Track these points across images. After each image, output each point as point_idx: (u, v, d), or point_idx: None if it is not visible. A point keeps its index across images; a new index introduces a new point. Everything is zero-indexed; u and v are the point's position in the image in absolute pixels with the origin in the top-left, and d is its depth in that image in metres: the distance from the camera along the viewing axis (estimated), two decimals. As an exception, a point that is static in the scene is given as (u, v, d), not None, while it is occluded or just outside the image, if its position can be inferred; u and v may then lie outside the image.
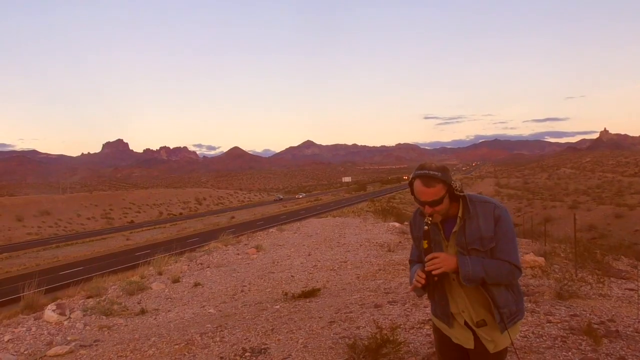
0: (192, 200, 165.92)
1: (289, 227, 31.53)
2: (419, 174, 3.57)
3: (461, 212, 3.59)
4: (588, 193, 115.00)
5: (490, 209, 3.56)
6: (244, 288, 14.04)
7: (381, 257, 17.19)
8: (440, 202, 3.53)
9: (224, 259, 19.81)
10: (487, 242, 3.50)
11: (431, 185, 3.51)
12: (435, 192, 3.51)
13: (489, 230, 3.50)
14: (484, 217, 3.53)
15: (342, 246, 20.82)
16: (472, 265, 3.46)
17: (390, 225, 28.47)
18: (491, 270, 3.45)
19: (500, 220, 3.52)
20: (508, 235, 3.52)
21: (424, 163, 3.66)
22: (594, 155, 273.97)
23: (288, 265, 17.18)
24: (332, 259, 17.56)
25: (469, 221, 3.55)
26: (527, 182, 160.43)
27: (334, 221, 34.38)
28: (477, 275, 3.44)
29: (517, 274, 3.53)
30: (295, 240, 23.93)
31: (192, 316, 11.07)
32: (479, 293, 3.57)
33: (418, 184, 3.57)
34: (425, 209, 3.57)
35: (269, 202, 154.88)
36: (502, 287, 3.55)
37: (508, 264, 3.47)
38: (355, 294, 10.91)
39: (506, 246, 3.50)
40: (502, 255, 3.49)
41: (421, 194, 3.56)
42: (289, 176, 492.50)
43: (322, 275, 14.67)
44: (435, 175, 3.51)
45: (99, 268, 37.35)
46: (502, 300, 3.53)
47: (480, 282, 3.47)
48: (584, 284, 10.38)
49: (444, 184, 3.52)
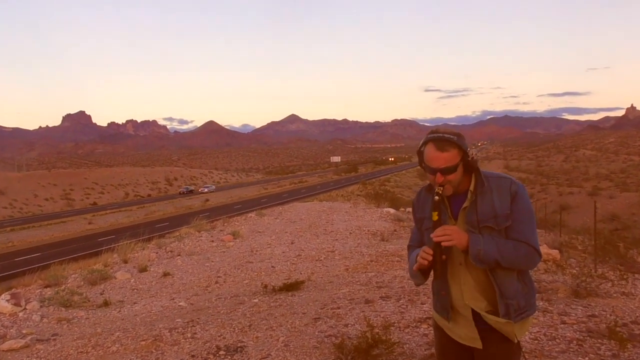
0: (162, 180, 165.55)
1: (270, 212, 31.52)
2: (431, 137, 3.53)
3: (473, 186, 3.54)
4: (611, 178, 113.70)
5: (506, 184, 3.51)
6: (218, 279, 14.02)
7: (373, 246, 17.21)
8: (454, 170, 3.47)
9: (196, 247, 19.78)
10: (502, 220, 3.44)
11: (445, 150, 3.47)
12: (449, 158, 3.46)
13: (505, 207, 3.45)
14: (499, 192, 3.49)
15: (330, 234, 20.84)
16: (485, 244, 3.39)
17: (384, 211, 28.52)
18: (506, 252, 3.38)
19: (517, 197, 3.47)
20: (526, 215, 3.47)
21: (437, 128, 3.61)
22: (618, 135, 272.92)
23: (268, 254, 17.18)
24: (317, 248, 17.57)
25: (481, 196, 3.51)
26: (540, 165, 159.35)
27: (320, 206, 34.40)
28: (490, 255, 3.38)
29: (536, 259, 3.44)
30: (276, 227, 23.93)
31: (161, 309, 11.04)
32: (490, 284, 3.50)
33: (430, 149, 3.52)
34: (437, 177, 3.49)
35: (248, 184, 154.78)
36: (513, 275, 3.48)
37: (526, 245, 3.40)
38: (344, 287, 10.90)
39: (524, 226, 3.44)
40: (519, 236, 3.42)
41: (433, 159, 3.50)
42: (270, 155, 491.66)
43: (306, 266, 14.68)
44: (451, 139, 3.47)
45: (57, 254, 37.17)
46: (510, 290, 3.47)
47: (493, 264, 3.40)
48: (604, 280, 10.37)
49: (460, 150, 3.48)
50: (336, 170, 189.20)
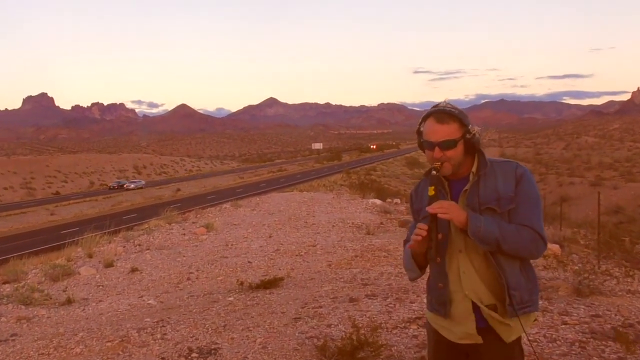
0: (130, 168, 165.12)
1: (246, 203, 31.50)
2: (432, 111, 3.57)
3: (476, 167, 3.56)
4: (615, 167, 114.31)
5: (511, 167, 3.54)
6: (190, 275, 14.01)
7: (358, 240, 17.24)
8: (453, 145, 3.49)
9: (167, 240, 19.73)
10: (505, 203, 3.47)
11: (445, 122, 3.50)
12: (449, 131, 3.49)
13: (509, 189, 3.48)
14: (503, 175, 3.53)
15: (311, 227, 20.85)
16: (485, 222, 3.39)
17: (370, 202, 28.58)
18: (508, 233, 3.38)
19: (523, 180, 3.50)
20: (531, 199, 3.48)
21: (439, 102, 3.63)
22: (623, 121, 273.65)
23: (244, 248, 17.17)
24: (298, 242, 17.58)
25: (484, 179, 3.53)
26: (539, 153, 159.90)
27: (301, 196, 34.40)
28: (490, 233, 3.37)
29: (540, 245, 3.44)
30: (253, 219, 23.91)
31: (128, 308, 11.01)
32: (492, 272, 3.48)
33: (430, 122, 3.56)
34: (435, 151, 3.51)
35: (223, 172, 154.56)
36: (516, 265, 3.48)
37: (530, 230, 3.40)
38: (326, 285, 10.91)
39: (528, 210, 3.46)
40: (522, 220, 3.43)
41: (431, 132, 3.53)
42: (247, 141, 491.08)
43: (285, 262, 14.68)
44: (452, 112, 3.50)
45: (17, 248, 36.88)
46: (514, 280, 3.47)
47: (494, 244, 3.38)
48: (608, 277, 10.40)
49: (461, 125, 3.51)
50: (318, 158, 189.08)
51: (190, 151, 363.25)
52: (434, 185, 3.51)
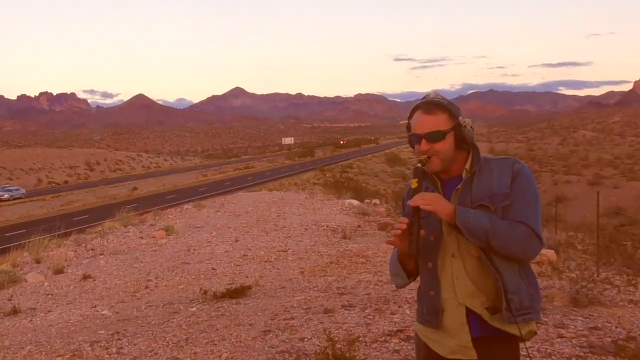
0: (82, 164, 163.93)
1: (210, 204, 31.44)
2: (419, 103, 3.60)
3: (469, 164, 3.58)
4: (615, 165, 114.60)
5: (508, 163, 3.56)
6: (149, 283, 13.98)
7: (333, 245, 17.28)
8: (442, 138, 3.50)
9: (122, 244, 19.68)
10: (500, 199, 3.47)
11: (433, 113, 3.53)
12: (437, 122, 3.52)
13: (504, 185, 3.49)
14: (499, 171, 3.54)
15: (281, 230, 20.87)
16: (475, 214, 3.40)
17: (346, 203, 28.63)
18: (499, 228, 3.37)
19: (519, 176, 3.50)
20: (528, 194, 3.49)
21: (428, 94, 3.67)
22: (624, 113, 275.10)
23: (208, 253, 17.16)
24: (267, 247, 17.59)
25: (478, 176, 3.54)
26: (532, 149, 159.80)
27: (270, 196, 34.40)
28: (480, 225, 3.37)
29: (535, 243, 3.41)
30: (218, 221, 23.88)
31: (80, 319, 10.97)
32: (487, 276, 3.46)
33: (417, 114, 3.59)
34: (421, 144, 3.53)
35: (184, 170, 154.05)
36: (514, 268, 3.46)
37: (524, 226, 3.39)
38: (299, 294, 10.92)
39: (523, 206, 3.45)
40: (516, 216, 3.43)
41: (419, 125, 3.57)
42: (211, 135, 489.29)
43: (253, 269, 14.69)
44: (441, 102, 3.54)
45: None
46: (512, 283, 3.44)
47: (483, 238, 3.38)
48: (608, 286, 10.44)
49: (451, 117, 3.54)
50: (289, 154, 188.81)
51: (148, 146, 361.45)
52: (417, 177, 3.53)
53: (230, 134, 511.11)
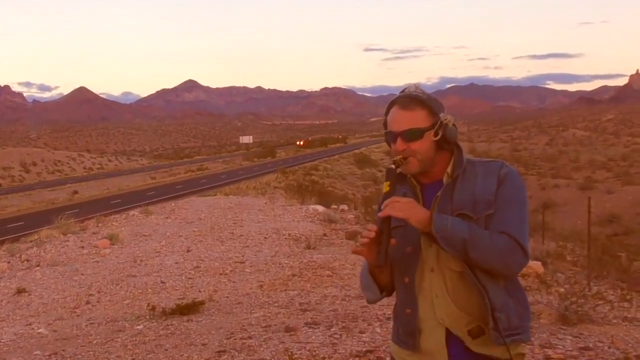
0: (16, 165, 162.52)
1: (159, 209, 31.30)
2: (396, 97, 3.56)
3: (451, 168, 3.51)
4: (609, 167, 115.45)
5: (494, 166, 3.49)
6: (90, 298, 13.91)
7: (296, 256, 17.30)
8: (419, 136, 3.43)
9: (61, 255, 19.53)
10: (482, 207, 3.40)
11: (410, 108, 3.47)
12: (414, 118, 3.45)
13: (488, 192, 3.42)
14: (484, 175, 3.47)
15: (238, 239, 20.84)
16: (453, 221, 3.31)
17: (311, 209, 28.63)
18: (479, 238, 3.29)
19: (506, 182, 3.43)
20: (514, 201, 3.42)
21: (407, 87, 3.60)
22: (619, 110, 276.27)
23: (157, 265, 17.11)
24: (222, 258, 17.57)
25: (461, 181, 3.47)
26: (517, 149, 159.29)
27: (226, 201, 34.32)
28: (458, 233, 3.28)
29: (519, 257, 3.32)
30: (167, 229, 23.79)
31: (14, 338, 10.91)
32: (471, 294, 3.39)
33: (394, 110, 3.53)
34: (397, 143, 3.46)
35: (130, 171, 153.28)
36: (500, 285, 3.39)
37: (506, 237, 3.31)
38: (257, 310, 10.93)
39: (508, 215, 3.38)
40: (499, 226, 3.35)
41: (394, 121, 3.50)
42: (161, 133, 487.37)
43: (207, 282, 14.68)
44: (419, 96, 3.48)
45: None
46: (499, 301, 3.37)
47: (461, 248, 3.29)
48: (600, 302, 10.49)
49: (430, 113, 3.47)
50: (247, 154, 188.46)
51: (90, 145, 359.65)
52: (389, 180, 3.47)
53: (182, 131, 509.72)
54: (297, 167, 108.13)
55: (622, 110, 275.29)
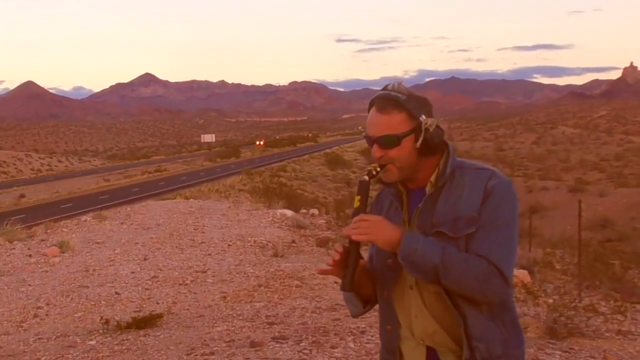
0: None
1: (114, 214, 31.17)
2: (376, 97, 3.45)
3: (435, 177, 3.41)
4: (602, 167, 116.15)
5: (483, 176, 3.35)
6: (38, 311, 13.83)
7: (262, 265, 17.29)
8: (396, 143, 3.33)
9: (7, 264, 19.43)
10: (463, 225, 3.26)
11: (386, 112, 3.36)
12: (390, 123, 3.35)
13: (472, 207, 3.28)
14: (471, 187, 3.33)
15: (200, 246, 20.81)
16: (425, 244, 3.19)
17: (278, 213, 28.63)
18: (453, 263, 3.16)
19: (493, 195, 3.28)
20: (498, 221, 3.25)
21: (388, 84, 3.48)
22: (612, 106, 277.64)
23: (111, 275, 17.03)
24: (182, 267, 17.54)
25: (447, 190, 3.36)
26: (502, 149, 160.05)
27: (186, 206, 34.26)
28: (428, 259, 3.16)
29: (497, 284, 3.17)
30: (123, 236, 23.71)
31: (-48, 356, 10.80)
32: (450, 316, 3.31)
33: (372, 112, 3.43)
34: (374, 150, 3.39)
35: (82, 173, 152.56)
36: (482, 309, 3.27)
37: (485, 262, 3.15)
38: (220, 324, 10.92)
39: (490, 236, 3.22)
40: (479, 248, 3.20)
41: (371, 125, 3.41)
42: (115, 131, 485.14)
43: (165, 293, 14.64)
44: (397, 97, 3.35)
45: None
46: (477, 329, 3.26)
47: (431, 274, 3.19)
48: (592, 314, 10.52)
49: (408, 117, 3.35)
50: (209, 154, 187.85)
51: (38, 144, 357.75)
52: (360, 195, 3.34)
53: (139, 129, 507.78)
54: (264, 168, 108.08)
55: (615, 106, 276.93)
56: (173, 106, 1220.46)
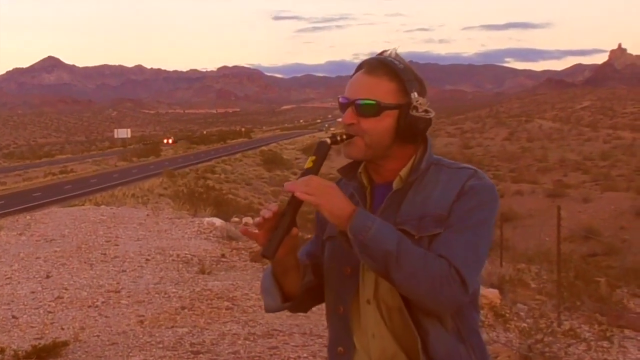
0: None
1: (10, 224, 30.98)
2: (367, 59, 3.43)
3: (406, 171, 3.36)
4: (585, 168, 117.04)
5: (463, 175, 3.32)
6: None
7: (186, 283, 17.26)
8: (375, 113, 3.27)
9: None
10: (430, 224, 3.22)
11: (375, 74, 3.32)
12: (376, 87, 3.29)
13: (442, 205, 3.25)
14: (445, 185, 3.30)
15: (113, 261, 20.72)
16: (380, 225, 3.11)
17: (206, 222, 28.60)
18: (408, 255, 3.07)
19: (469, 195, 3.25)
20: (470, 221, 3.22)
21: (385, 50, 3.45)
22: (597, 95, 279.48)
23: (7, 295, 16.90)
24: (92, 286, 17.44)
25: (416, 188, 3.32)
26: (468, 146, 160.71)
27: (97, 213, 34.11)
28: (382, 242, 3.06)
29: (454, 288, 3.08)
30: (21, 249, 23.55)
31: None
32: (410, 328, 3.23)
33: (357, 74, 3.40)
34: (345, 115, 3.32)
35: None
36: (447, 327, 3.23)
37: (445, 263, 3.08)
38: (137, 353, 10.90)
39: (456, 236, 3.18)
40: (440, 248, 3.15)
41: (350, 85, 3.38)
42: (12, 125, 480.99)
43: (72, 317, 14.54)
44: (393, 63, 3.32)
45: None
46: (440, 350, 3.21)
47: (382, 263, 3.08)
48: (573, 340, 10.59)
49: (399, 89, 3.30)
50: (124, 152, 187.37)
51: None
52: (317, 155, 3.26)
53: (40, 123, 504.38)
54: (188, 168, 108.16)
55: (600, 95, 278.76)
56: (81, 96, 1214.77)
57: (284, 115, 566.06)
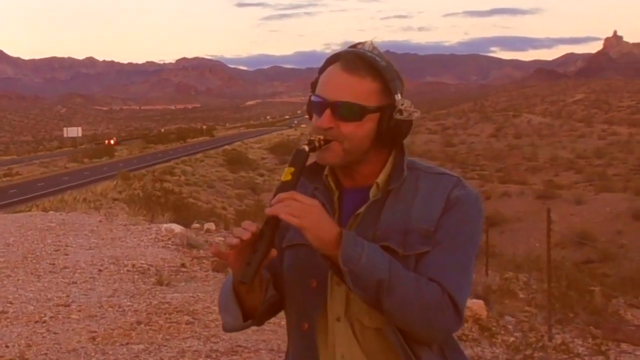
0: None
1: (-51, 231, 30.90)
2: (343, 52, 3.30)
3: (384, 179, 3.28)
4: (578, 167, 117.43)
5: (447, 183, 3.28)
6: None
7: (143, 296, 17.25)
8: (357, 118, 3.18)
9: None
10: (417, 241, 3.16)
11: (357, 73, 3.19)
12: (358, 88, 3.18)
13: (429, 218, 3.19)
14: (428, 194, 3.23)
15: (62, 272, 20.67)
16: (370, 250, 3.03)
17: (164, 229, 28.55)
18: (401, 282, 3.03)
19: (456, 208, 3.21)
20: (459, 238, 3.19)
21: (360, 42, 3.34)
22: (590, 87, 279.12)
23: (-55, 311, 16.88)
24: (39, 299, 17.40)
25: (394, 196, 3.24)
26: (450, 143, 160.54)
27: (45, 220, 34.00)
28: (374, 270, 3.01)
29: (449, 318, 3.08)
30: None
31: None
32: (394, 355, 3.18)
33: (333, 69, 3.26)
34: (323, 117, 3.19)
35: None
36: (433, 349, 3.21)
37: (438, 288, 3.06)
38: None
39: (447, 257, 3.14)
40: (432, 272, 3.10)
41: (328, 84, 3.24)
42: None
43: (17, 333, 14.53)
44: (375, 61, 3.19)
45: None
46: None
47: (373, 291, 3.03)
48: (566, 355, 10.64)
49: (383, 90, 3.21)
50: (74, 152, 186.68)
51: None
52: (295, 167, 3.13)
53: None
54: (145, 170, 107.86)
55: (594, 87, 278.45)
56: (27, 91, 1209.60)
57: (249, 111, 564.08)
